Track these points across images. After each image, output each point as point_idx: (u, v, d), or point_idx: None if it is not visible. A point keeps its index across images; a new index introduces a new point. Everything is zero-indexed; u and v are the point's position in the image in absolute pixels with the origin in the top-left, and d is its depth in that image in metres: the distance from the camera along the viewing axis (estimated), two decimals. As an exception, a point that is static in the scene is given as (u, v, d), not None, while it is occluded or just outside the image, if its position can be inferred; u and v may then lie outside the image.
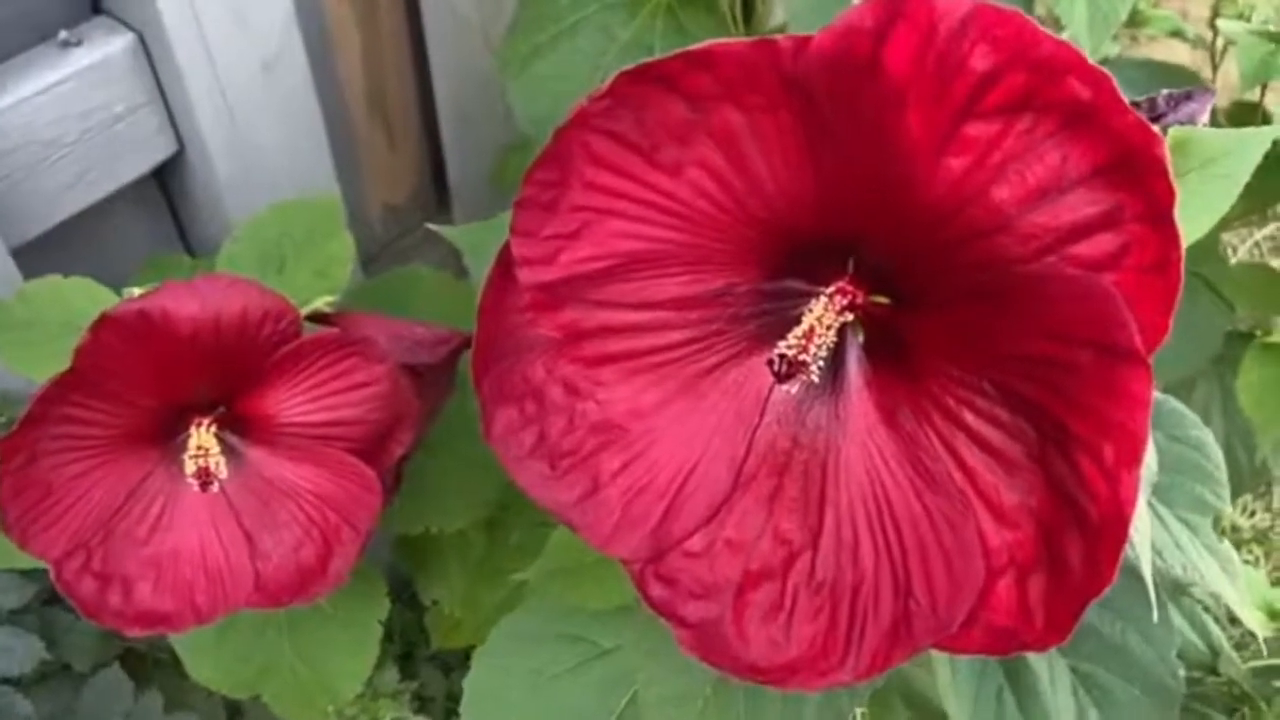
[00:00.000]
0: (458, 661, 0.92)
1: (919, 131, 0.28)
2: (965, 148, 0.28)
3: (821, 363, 0.34)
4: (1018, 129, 0.27)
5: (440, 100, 0.94)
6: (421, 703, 0.98)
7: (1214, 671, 0.68)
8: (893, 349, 0.35)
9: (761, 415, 0.37)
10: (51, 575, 0.55)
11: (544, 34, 0.75)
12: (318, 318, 0.63)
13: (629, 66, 0.29)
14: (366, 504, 0.58)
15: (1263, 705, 0.65)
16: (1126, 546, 0.29)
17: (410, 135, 0.99)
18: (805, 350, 0.33)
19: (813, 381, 0.34)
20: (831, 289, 0.34)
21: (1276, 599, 0.69)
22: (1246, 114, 0.88)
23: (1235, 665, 0.67)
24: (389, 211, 1.01)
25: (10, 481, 0.53)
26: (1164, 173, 0.26)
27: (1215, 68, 0.96)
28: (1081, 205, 0.27)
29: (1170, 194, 0.26)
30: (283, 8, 0.74)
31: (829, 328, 0.34)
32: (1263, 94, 0.88)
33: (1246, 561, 1.25)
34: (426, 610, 0.77)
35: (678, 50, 0.28)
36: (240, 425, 0.59)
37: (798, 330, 0.33)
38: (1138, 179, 0.26)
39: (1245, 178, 0.32)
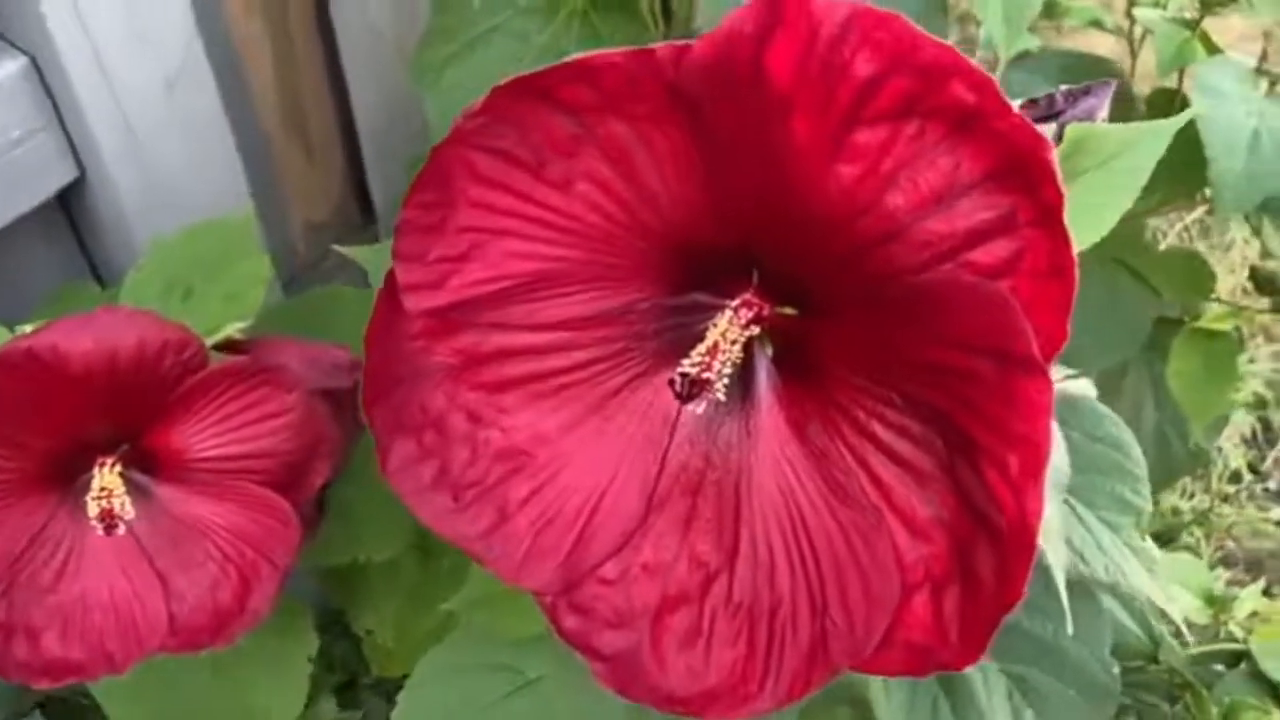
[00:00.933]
0: (400, 689, 0.89)
1: (808, 139, 0.27)
2: (856, 155, 0.27)
3: (727, 380, 0.32)
4: (906, 134, 0.26)
5: (359, 114, 0.92)
6: (366, 731, 0.96)
7: (1155, 660, 0.68)
8: (801, 361, 0.34)
9: (672, 435, 0.35)
10: (-50, 629, 0.53)
11: (457, 42, 0.73)
12: (228, 345, 0.61)
13: (503, 81, 0.27)
14: (284, 539, 0.56)
15: (1204, 691, 0.65)
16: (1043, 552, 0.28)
17: (330, 150, 0.96)
18: (709, 368, 0.32)
19: (721, 399, 0.33)
20: (736, 302, 0.33)
21: (1213, 585, 0.70)
22: (1166, 100, 0.89)
23: (1175, 653, 0.67)
24: (312, 230, 0.98)
25: (-101, 534, 0.50)
26: (1053, 177, 0.25)
27: (1134, 56, 0.97)
28: (976, 211, 0.27)
29: (1059, 198, 0.25)
30: (184, 24, 0.72)
31: (734, 343, 0.32)
32: (1180, 80, 0.89)
33: (1188, 544, 1.27)
34: (364, 639, 0.75)
35: (553, 63, 0.27)
36: (147, 462, 0.56)
37: (701, 347, 0.32)
38: (1028, 183, 0.26)
39: (1148, 172, 0.31)
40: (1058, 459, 0.31)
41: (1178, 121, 0.33)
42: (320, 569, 0.70)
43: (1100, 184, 0.31)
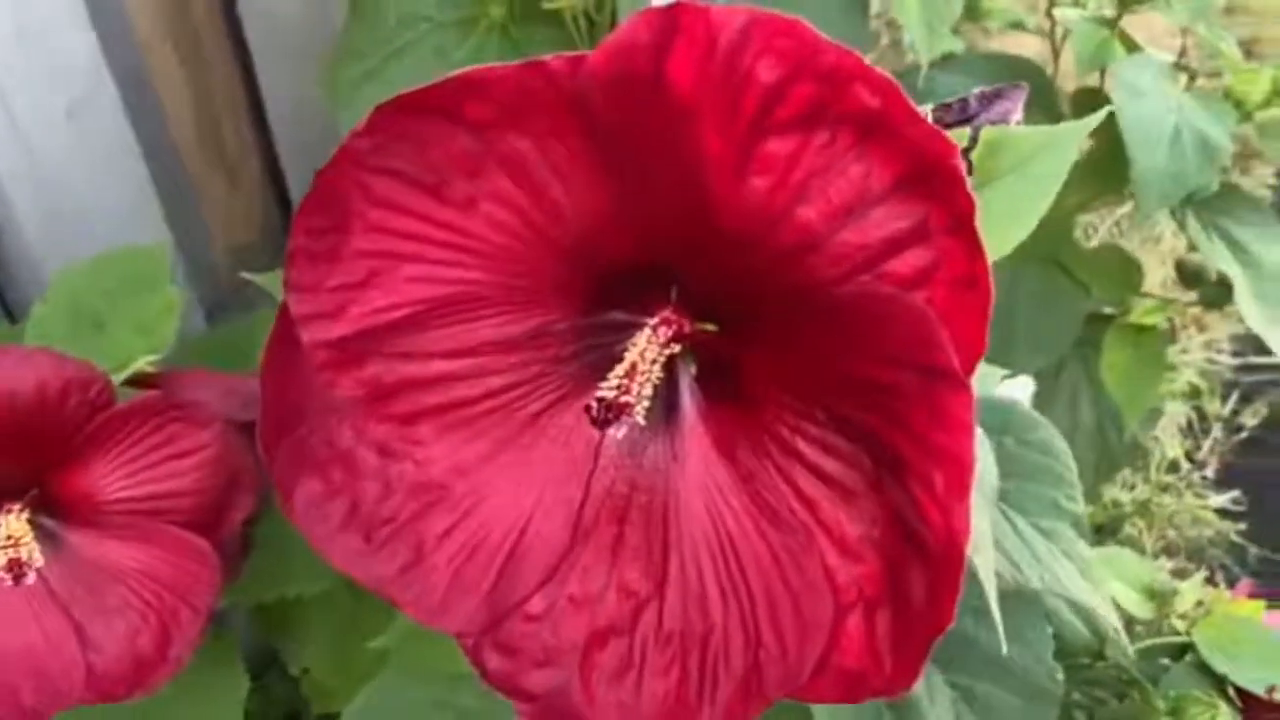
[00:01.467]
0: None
1: (715, 150, 0.26)
2: (766, 166, 0.26)
3: (648, 402, 0.31)
4: (816, 143, 0.25)
5: (277, 131, 0.90)
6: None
7: (1102, 656, 0.68)
8: (726, 379, 0.33)
9: (596, 460, 0.34)
10: None
11: (373, 57, 0.71)
12: (140, 380, 0.58)
13: (388, 99, 0.26)
14: (204, 581, 0.53)
15: (1149, 686, 0.65)
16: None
17: (250, 170, 0.93)
18: (628, 390, 0.30)
19: (642, 422, 0.32)
20: (655, 320, 0.32)
21: (1155, 578, 0.70)
22: (1090, 99, 0.90)
23: (1121, 649, 0.67)
24: (234, 253, 0.95)
25: None
26: (962, 183, 0.24)
27: (1057, 56, 0.98)
28: (889, 220, 0.26)
29: (970, 205, 0.24)
30: (87, 49, 0.69)
31: (654, 362, 0.31)
32: (1102, 78, 0.90)
33: (1130, 535, 1.28)
34: (297, 680, 0.72)
35: (445, 77, 0.26)
36: (56, 506, 0.54)
37: (619, 369, 0.31)
38: (940, 191, 0.25)
39: (1064, 174, 0.31)
40: (985, 469, 0.30)
41: (1090, 122, 0.32)
42: (250, 606, 0.68)
43: (1017, 187, 0.31)
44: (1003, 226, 0.30)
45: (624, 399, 0.30)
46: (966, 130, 0.31)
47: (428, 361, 0.33)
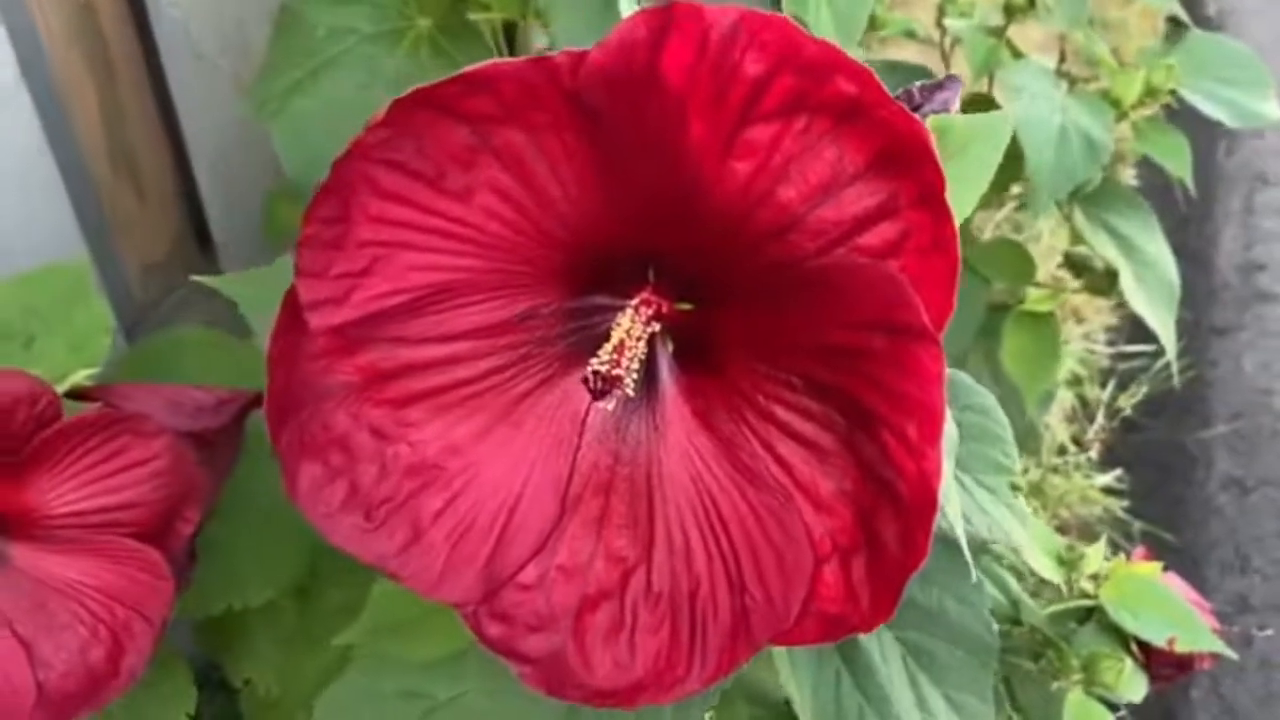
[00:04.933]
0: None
1: (702, 138, 0.29)
2: (749, 151, 0.29)
3: (636, 375, 0.33)
4: (795, 129, 0.28)
5: (192, 149, 0.89)
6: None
7: (1017, 622, 0.73)
8: (702, 353, 0.35)
9: (581, 436, 0.36)
10: None
11: (301, 69, 0.72)
12: (80, 394, 0.58)
13: (404, 93, 0.28)
14: (157, 592, 0.53)
15: (1064, 645, 0.70)
16: (939, 517, 0.30)
17: (163, 188, 0.92)
18: (618, 364, 0.33)
19: (628, 395, 0.34)
20: (635, 300, 0.34)
21: (1062, 547, 0.75)
22: (980, 104, 0.96)
23: (1035, 613, 0.72)
24: (148, 271, 0.93)
25: None
26: (932, 159, 0.27)
27: (947, 63, 1.04)
28: (862, 197, 0.28)
29: (940, 177, 0.27)
30: (5, 68, 0.68)
31: (638, 339, 0.34)
32: (990, 84, 0.96)
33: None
34: (239, 692, 0.72)
35: (454, 74, 0.27)
36: (1, 522, 0.53)
37: (608, 345, 0.33)
38: (909, 167, 0.28)
39: (997, 159, 0.34)
40: (949, 427, 0.33)
41: (1009, 115, 0.36)
42: (193, 618, 0.67)
43: (959, 170, 0.34)
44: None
45: (615, 371, 0.33)
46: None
47: (421, 346, 0.34)
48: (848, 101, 0.27)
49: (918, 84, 0.35)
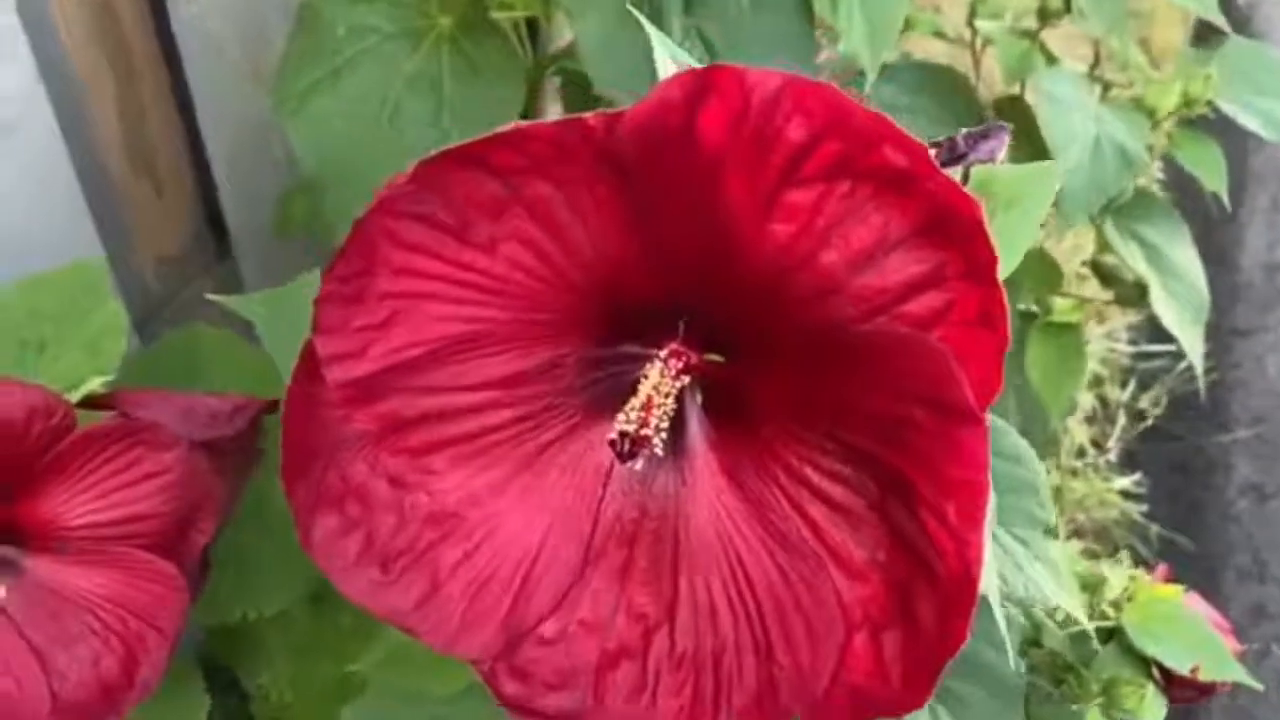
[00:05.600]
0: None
1: (741, 199, 0.27)
2: (790, 214, 0.27)
3: (664, 433, 0.32)
4: (838, 193, 0.27)
5: (210, 145, 0.88)
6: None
7: (1038, 644, 0.72)
8: (732, 408, 0.34)
9: (605, 487, 0.35)
10: None
11: (321, 69, 0.71)
12: (94, 402, 0.57)
13: (430, 154, 0.26)
14: (171, 604, 0.53)
15: (1083, 670, 0.69)
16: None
17: (180, 182, 0.91)
18: (646, 424, 0.32)
19: (660, 453, 0.33)
20: (665, 352, 0.33)
21: (1078, 567, 0.74)
22: (1012, 107, 0.94)
23: (1056, 636, 0.71)
24: (164, 265, 0.93)
25: None
26: (983, 233, 0.26)
27: (977, 64, 1.02)
28: (907, 265, 0.27)
29: (991, 253, 0.26)
30: (24, 67, 0.67)
31: (667, 395, 0.32)
32: (1022, 88, 0.94)
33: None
34: (251, 698, 0.71)
35: (485, 134, 0.26)
36: (16, 534, 0.52)
37: (634, 403, 0.32)
38: (956, 238, 0.26)
39: (1044, 214, 0.33)
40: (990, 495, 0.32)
41: (1058, 164, 0.35)
42: (206, 626, 0.67)
43: (1007, 222, 0.33)
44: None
45: (643, 432, 0.31)
46: (959, 169, 0.33)
47: (442, 395, 0.33)
48: (895, 171, 0.26)
49: (963, 132, 0.34)
